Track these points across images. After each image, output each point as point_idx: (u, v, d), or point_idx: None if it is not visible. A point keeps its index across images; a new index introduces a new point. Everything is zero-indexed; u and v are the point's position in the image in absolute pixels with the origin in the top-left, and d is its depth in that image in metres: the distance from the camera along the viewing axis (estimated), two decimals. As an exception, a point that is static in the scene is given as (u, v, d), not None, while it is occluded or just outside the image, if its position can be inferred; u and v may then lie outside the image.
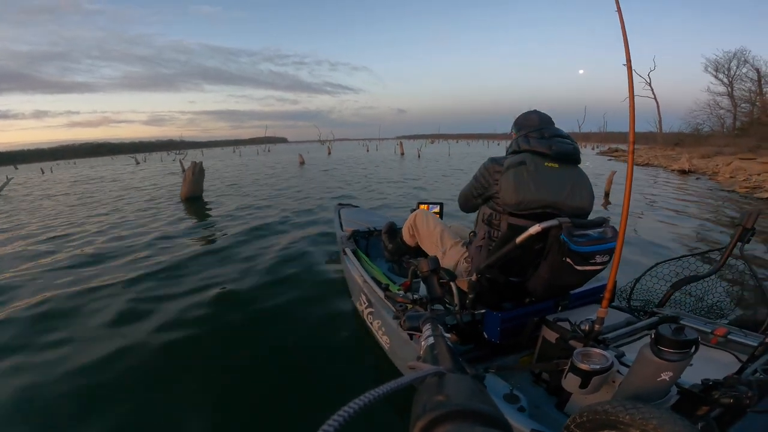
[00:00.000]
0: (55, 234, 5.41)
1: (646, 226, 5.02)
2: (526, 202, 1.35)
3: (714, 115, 23.95)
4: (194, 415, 1.68)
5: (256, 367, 2.03)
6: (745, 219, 1.42)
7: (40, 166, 34.15)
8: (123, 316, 2.61)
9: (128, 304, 2.79)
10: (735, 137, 18.64)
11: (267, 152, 43.89)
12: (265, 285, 3.06)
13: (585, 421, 0.85)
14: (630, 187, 1.12)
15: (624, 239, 1.10)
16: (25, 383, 1.91)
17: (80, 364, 2.05)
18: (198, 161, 8.12)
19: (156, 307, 2.72)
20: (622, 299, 1.73)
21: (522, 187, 1.34)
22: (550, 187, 1.35)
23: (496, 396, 1.20)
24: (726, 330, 1.24)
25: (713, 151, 15.83)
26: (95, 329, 2.45)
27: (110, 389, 1.86)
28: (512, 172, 1.37)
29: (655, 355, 0.84)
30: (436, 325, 0.66)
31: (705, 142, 20.02)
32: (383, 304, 1.82)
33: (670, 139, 26.22)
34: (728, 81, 23.15)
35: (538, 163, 1.37)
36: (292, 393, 1.82)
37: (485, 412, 0.30)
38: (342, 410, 0.26)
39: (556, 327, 1.30)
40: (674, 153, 18.48)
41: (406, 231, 2.04)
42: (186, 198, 7.78)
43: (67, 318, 2.63)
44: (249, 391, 1.83)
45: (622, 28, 1.14)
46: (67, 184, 14.61)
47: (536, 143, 1.41)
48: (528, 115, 1.57)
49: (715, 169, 12.11)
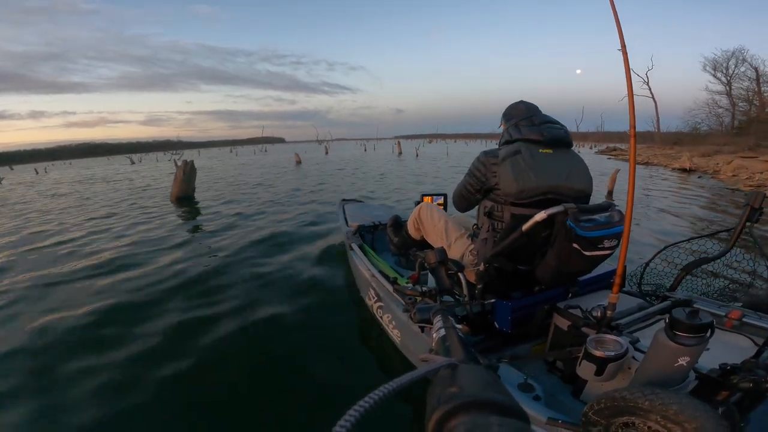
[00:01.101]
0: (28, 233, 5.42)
1: (655, 217, 5.01)
2: (528, 190, 1.35)
3: (713, 114, 24.21)
4: (208, 414, 1.69)
5: (266, 368, 2.03)
6: (753, 199, 1.42)
7: (34, 167, 34.16)
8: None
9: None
10: (734, 136, 18.77)
11: (264, 152, 43.64)
12: (271, 285, 3.05)
13: (603, 408, 0.85)
14: (634, 169, 1.10)
15: (631, 222, 1.09)
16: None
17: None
18: (190, 160, 7.92)
19: (155, 303, 2.74)
20: (633, 284, 1.71)
21: (521, 176, 1.35)
22: (548, 172, 1.36)
23: (511, 386, 1.20)
24: (740, 313, 1.23)
25: (713, 150, 15.85)
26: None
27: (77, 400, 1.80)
28: (509, 161, 1.38)
29: (670, 339, 0.83)
30: (447, 317, 0.66)
31: (704, 141, 20.11)
32: (392, 298, 1.81)
33: (668, 138, 26.38)
34: (726, 80, 23.30)
35: (532, 150, 1.38)
36: (305, 391, 1.82)
37: (500, 401, 0.30)
38: (358, 405, 0.26)
39: (568, 314, 1.29)
40: (673, 152, 18.43)
41: (411, 225, 2.03)
42: (177, 198, 7.56)
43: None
44: (261, 390, 1.84)
45: (613, 9, 1.12)
46: (51, 184, 14.59)
47: (528, 131, 1.42)
48: (515, 105, 1.59)
49: (716, 167, 12.05)
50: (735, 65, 22.67)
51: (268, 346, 2.20)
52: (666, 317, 0.86)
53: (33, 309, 2.79)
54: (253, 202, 7.18)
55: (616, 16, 1.11)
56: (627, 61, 1.11)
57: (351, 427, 0.25)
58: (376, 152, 28.93)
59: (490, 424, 0.27)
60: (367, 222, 2.92)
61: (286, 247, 4.04)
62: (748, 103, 21.98)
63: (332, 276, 3.12)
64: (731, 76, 22.99)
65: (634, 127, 1.11)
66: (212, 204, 7.08)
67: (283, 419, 1.65)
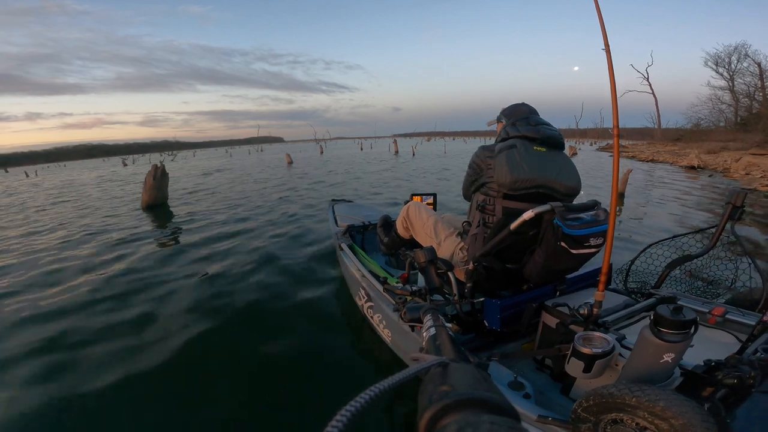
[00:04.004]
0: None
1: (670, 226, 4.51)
2: (521, 181, 1.40)
3: (716, 110, 24.01)
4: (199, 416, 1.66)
5: (256, 369, 2.01)
6: (734, 197, 1.45)
7: (25, 169, 33.07)
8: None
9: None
10: (737, 132, 18.56)
11: (259, 152, 42.85)
12: (259, 286, 3.02)
13: (592, 405, 0.86)
14: (617, 165, 1.13)
15: (615, 220, 1.11)
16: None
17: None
18: (161, 164, 7.14)
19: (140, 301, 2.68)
20: (619, 281, 1.74)
21: (515, 167, 1.40)
22: (541, 167, 1.41)
23: (501, 384, 1.20)
24: (724, 309, 1.25)
25: (719, 147, 15.51)
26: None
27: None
28: (504, 154, 1.43)
29: (655, 336, 0.84)
30: (437, 316, 0.65)
31: (706, 137, 19.86)
32: (383, 298, 1.81)
33: (670, 134, 26.17)
34: (729, 75, 23.24)
35: (527, 146, 1.44)
36: (296, 393, 1.80)
37: (491, 399, 0.30)
38: (349, 405, 0.26)
39: (556, 312, 1.30)
40: (677, 148, 18.14)
41: (399, 224, 2.03)
42: (147, 206, 6.89)
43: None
44: (248, 392, 1.81)
45: (598, 10, 1.13)
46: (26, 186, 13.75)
47: (524, 129, 1.49)
48: (518, 105, 1.65)
49: (725, 165, 11.45)
50: (737, 60, 22.63)
51: (256, 348, 2.17)
52: (651, 314, 0.87)
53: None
54: (237, 204, 7.02)
55: (600, 17, 1.12)
56: (610, 60, 1.13)
57: (343, 427, 0.24)
58: (372, 150, 28.58)
59: (481, 422, 0.26)
60: (357, 222, 2.91)
61: (274, 247, 3.99)
62: (749, 99, 21.90)
63: (323, 276, 3.10)
64: (734, 72, 22.89)
65: (617, 126, 1.14)
66: (191, 211, 6.49)
67: (274, 419, 1.63)
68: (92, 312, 2.71)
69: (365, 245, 2.81)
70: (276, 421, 1.62)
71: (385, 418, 1.57)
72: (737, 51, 22.60)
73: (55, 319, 2.62)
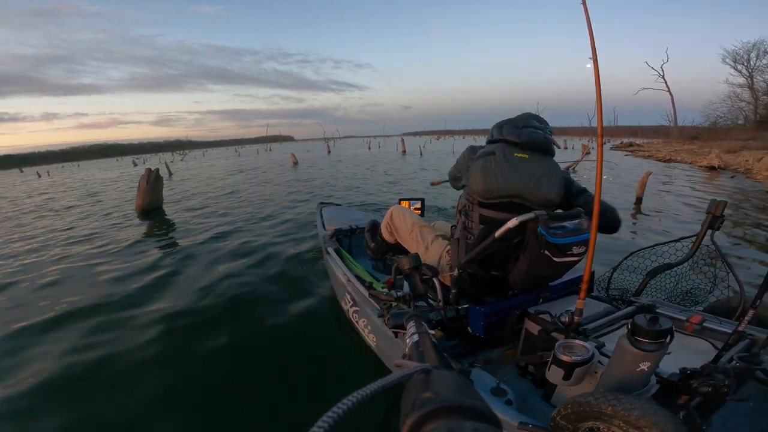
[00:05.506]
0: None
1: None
2: (492, 191, 1.38)
3: (735, 108, 23.22)
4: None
5: (241, 372, 1.99)
6: (714, 207, 1.47)
7: (37, 169, 32.23)
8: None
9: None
10: (757, 130, 17.96)
11: (268, 151, 42.08)
12: (245, 290, 2.98)
13: (570, 413, 0.86)
14: (601, 171, 1.14)
15: (597, 229, 1.14)
16: None
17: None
18: (155, 168, 6.95)
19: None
20: (601, 289, 1.76)
21: (489, 176, 1.37)
22: (516, 176, 1.37)
23: (483, 390, 1.20)
24: (701, 317, 1.27)
25: (739, 146, 14.68)
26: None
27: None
28: (481, 161, 1.41)
29: (632, 345, 0.85)
30: (420, 322, 0.65)
31: (725, 136, 19.03)
32: (368, 303, 1.80)
33: (686, 133, 25.26)
34: (748, 73, 22.56)
35: (507, 152, 1.40)
36: (279, 397, 1.78)
37: (473, 406, 0.30)
38: (331, 411, 0.26)
39: (538, 319, 1.31)
40: (694, 147, 17.29)
41: (384, 229, 2.01)
42: (142, 211, 6.68)
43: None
44: (236, 395, 1.79)
45: (587, 16, 1.15)
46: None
47: (508, 132, 1.45)
48: (520, 115, 1.58)
49: (747, 165, 10.65)
50: (756, 57, 21.97)
51: (242, 351, 2.15)
52: (629, 323, 0.88)
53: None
54: (235, 199, 6.97)
55: (589, 26, 1.14)
56: (597, 70, 1.15)
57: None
58: (381, 150, 27.57)
59: (463, 428, 0.27)
60: (345, 226, 2.90)
61: (261, 250, 3.97)
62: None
63: (310, 280, 3.08)
64: (753, 69, 22.19)
65: (602, 134, 1.16)
66: (186, 214, 6.39)
67: (256, 425, 1.61)
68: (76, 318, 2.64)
69: (352, 249, 2.79)
70: (255, 428, 1.60)
71: (367, 425, 1.55)
72: (756, 48, 22.06)
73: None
